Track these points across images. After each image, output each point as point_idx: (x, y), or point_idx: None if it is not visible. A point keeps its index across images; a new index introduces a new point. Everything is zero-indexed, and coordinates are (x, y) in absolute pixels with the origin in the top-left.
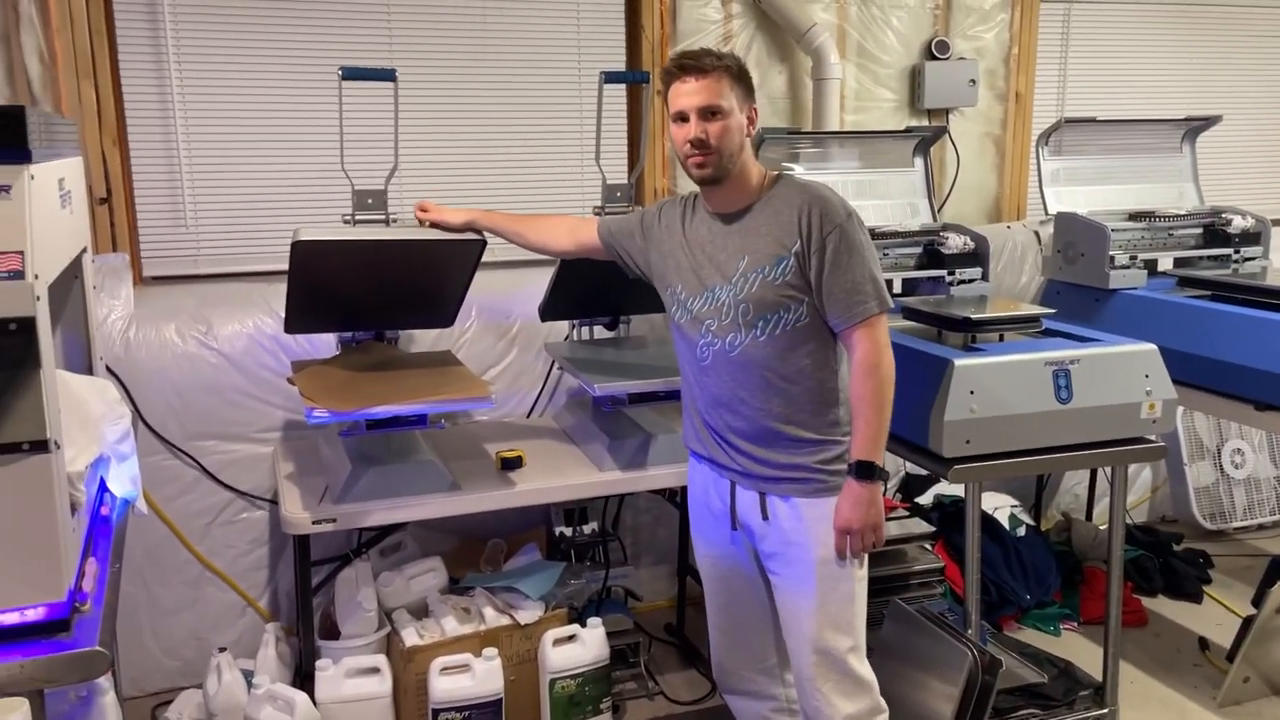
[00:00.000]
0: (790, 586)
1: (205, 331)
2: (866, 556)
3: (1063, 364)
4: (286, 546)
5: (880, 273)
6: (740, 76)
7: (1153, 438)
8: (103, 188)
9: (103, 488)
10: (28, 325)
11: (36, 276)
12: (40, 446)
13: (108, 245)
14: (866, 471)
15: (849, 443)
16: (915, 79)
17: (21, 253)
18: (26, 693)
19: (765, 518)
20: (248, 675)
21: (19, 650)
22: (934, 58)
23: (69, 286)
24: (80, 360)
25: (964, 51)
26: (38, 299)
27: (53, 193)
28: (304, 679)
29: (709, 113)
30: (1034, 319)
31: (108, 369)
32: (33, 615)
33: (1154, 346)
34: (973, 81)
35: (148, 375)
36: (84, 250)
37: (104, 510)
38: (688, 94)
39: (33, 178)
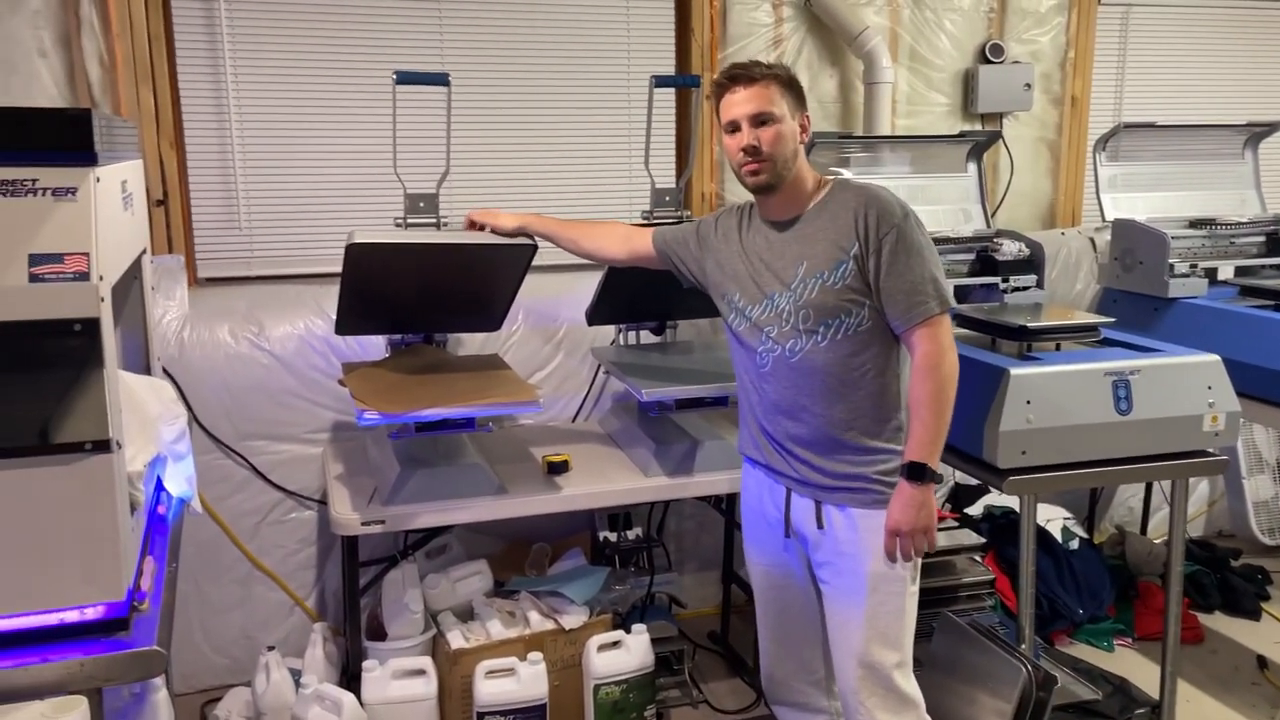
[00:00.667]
0: (840, 597)
1: (257, 333)
2: (919, 571)
3: (1123, 374)
4: (334, 547)
5: (941, 273)
6: (790, 85)
7: (1214, 451)
8: (159, 190)
9: (159, 487)
10: (92, 326)
11: (101, 278)
12: (102, 446)
13: (163, 247)
14: (918, 473)
15: None
16: (969, 83)
17: (87, 254)
18: (85, 691)
19: (820, 527)
20: (295, 674)
21: (78, 648)
22: (988, 61)
23: (129, 287)
24: (138, 360)
25: (1019, 55)
26: (102, 300)
27: (116, 195)
28: (351, 679)
29: (760, 120)
30: (1092, 328)
31: (163, 370)
32: (92, 614)
33: (1217, 358)
34: (1028, 85)
35: (201, 375)
36: (144, 251)
37: (160, 509)
38: (738, 103)
39: (98, 180)
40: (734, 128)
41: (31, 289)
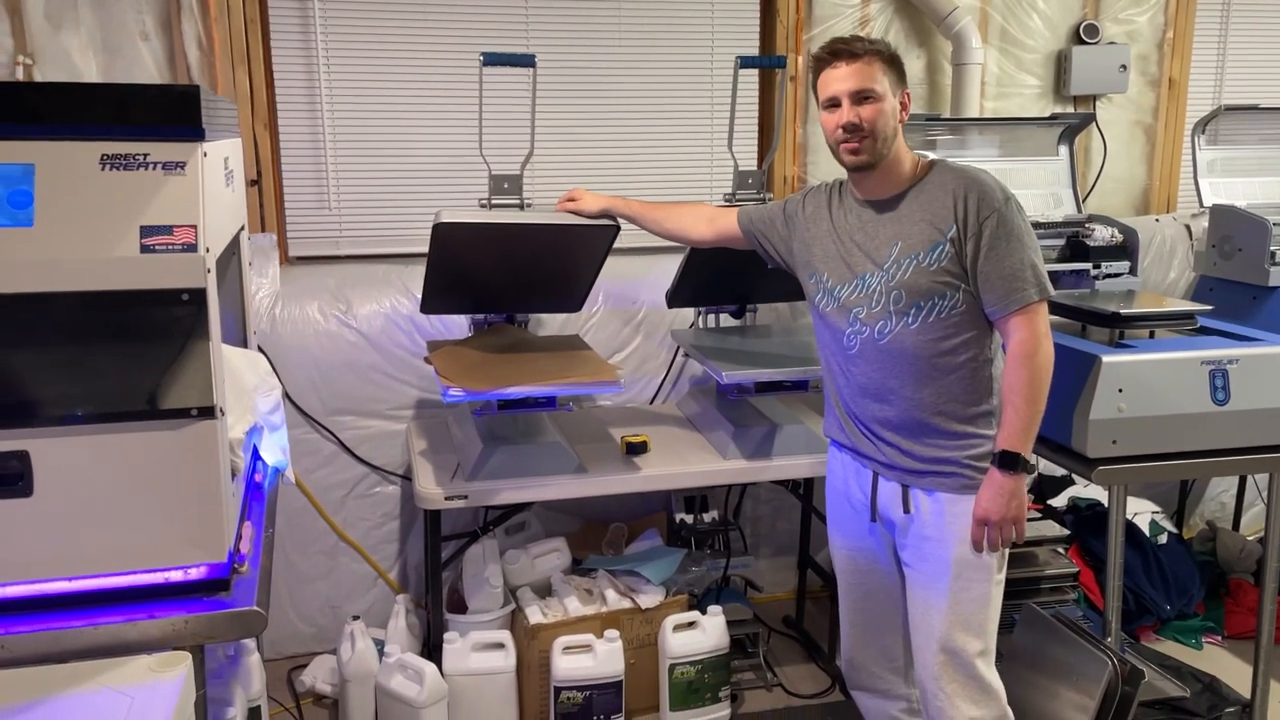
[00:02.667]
0: (924, 582)
1: (345, 310)
2: (1005, 560)
3: (1220, 363)
4: (416, 521)
5: (1040, 260)
6: (892, 61)
7: None
8: (253, 170)
9: (255, 456)
10: (199, 296)
11: (208, 250)
12: (207, 412)
13: (256, 225)
14: (1010, 462)
15: None
16: (1061, 64)
17: (195, 226)
18: (189, 647)
19: (907, 511)
20: (378, 644)
21: (183, 607)
22: (1082, 42)
23: (228, 262)
24: (235, 333)
25: (1114, 36)
26: (208, 271)
27: (220, 171)
28: (432, 650)
29: (861, 97)
30: (1189, 315)
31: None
32: (196, 574)
33: None
34: (1123, 67)
35: (291, 351)
36: (242, 228)
37: (257, 478)
38: (840, 79)
39: (205, 155)
40: (834, 103)
41: (142, 259)
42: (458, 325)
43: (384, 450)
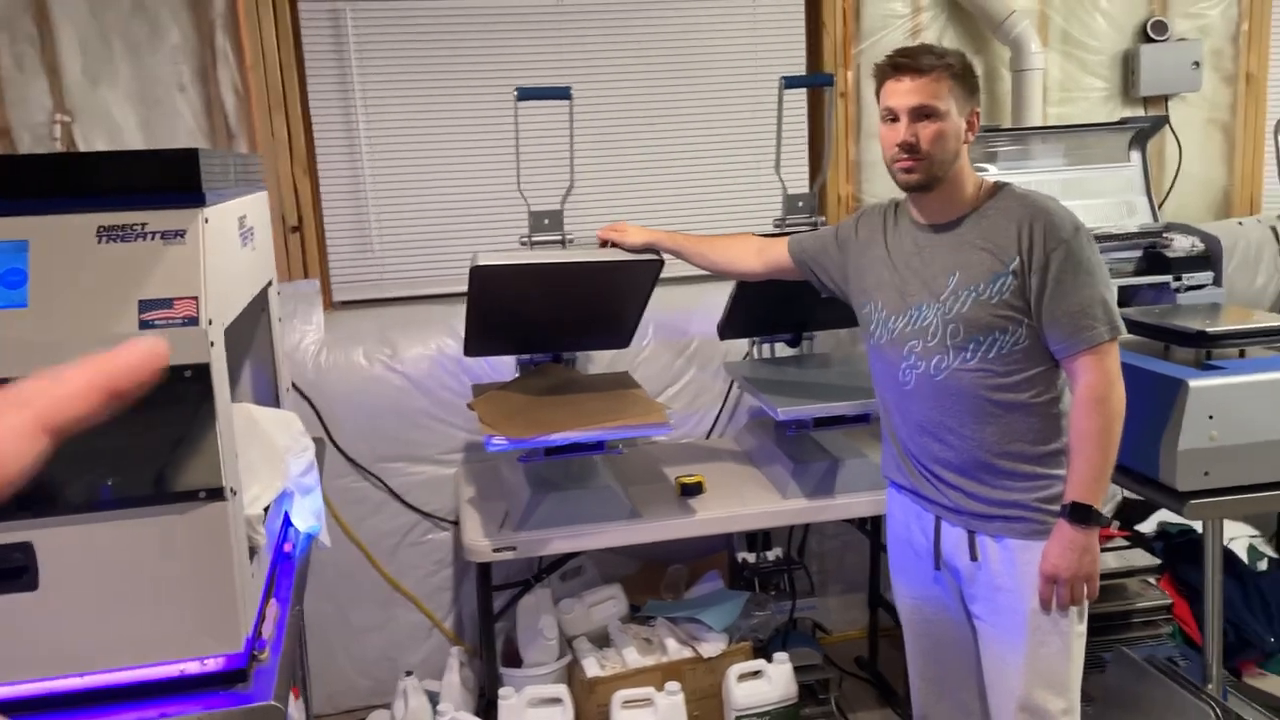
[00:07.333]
0: (997, 636)
1: (390, 355)
2: (1086, 610)
3: None
4: (470, 568)
5: (1112, 294)
6: (962, 76)
7: None
8: (294, 216)
9: (286, 523)
10: (202, 372)
11: (210, 321)
12: (216, 494)
13: (299, 272)
14: (1082, 515)
15: None
16: (1129, 64)
17: (195, 298)
18: None
19: (974, 559)
20: (433, 697)
21: (197, 702)
22: (1150, 40)
23: (256, 320)
24: (268, 392)
25: (1185, 31)
26: (212, 344)
27: (231, 232)
28: (488, 704)
29: (922, 114)
30: None
31: (300, 394)
32: (212, 665)
33: None
34: (1196, 64)
35: (338, 398)
36: (269, 284)
37: (287, 547)
38: (901, 93)
39: (206, 221)
40: (892, 117)
41: (140, 336)
42: (505, 365)
43: (435, 496)
